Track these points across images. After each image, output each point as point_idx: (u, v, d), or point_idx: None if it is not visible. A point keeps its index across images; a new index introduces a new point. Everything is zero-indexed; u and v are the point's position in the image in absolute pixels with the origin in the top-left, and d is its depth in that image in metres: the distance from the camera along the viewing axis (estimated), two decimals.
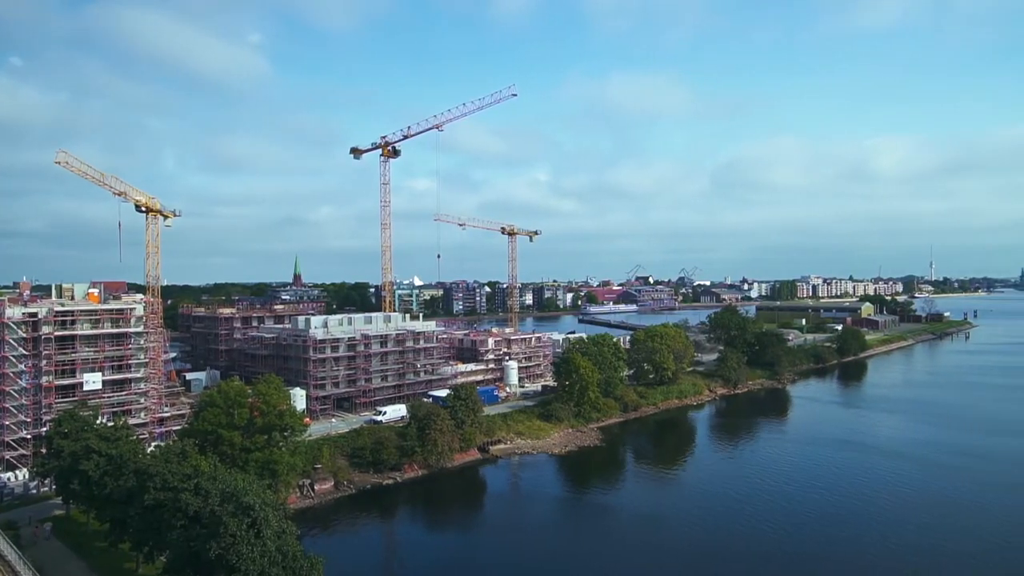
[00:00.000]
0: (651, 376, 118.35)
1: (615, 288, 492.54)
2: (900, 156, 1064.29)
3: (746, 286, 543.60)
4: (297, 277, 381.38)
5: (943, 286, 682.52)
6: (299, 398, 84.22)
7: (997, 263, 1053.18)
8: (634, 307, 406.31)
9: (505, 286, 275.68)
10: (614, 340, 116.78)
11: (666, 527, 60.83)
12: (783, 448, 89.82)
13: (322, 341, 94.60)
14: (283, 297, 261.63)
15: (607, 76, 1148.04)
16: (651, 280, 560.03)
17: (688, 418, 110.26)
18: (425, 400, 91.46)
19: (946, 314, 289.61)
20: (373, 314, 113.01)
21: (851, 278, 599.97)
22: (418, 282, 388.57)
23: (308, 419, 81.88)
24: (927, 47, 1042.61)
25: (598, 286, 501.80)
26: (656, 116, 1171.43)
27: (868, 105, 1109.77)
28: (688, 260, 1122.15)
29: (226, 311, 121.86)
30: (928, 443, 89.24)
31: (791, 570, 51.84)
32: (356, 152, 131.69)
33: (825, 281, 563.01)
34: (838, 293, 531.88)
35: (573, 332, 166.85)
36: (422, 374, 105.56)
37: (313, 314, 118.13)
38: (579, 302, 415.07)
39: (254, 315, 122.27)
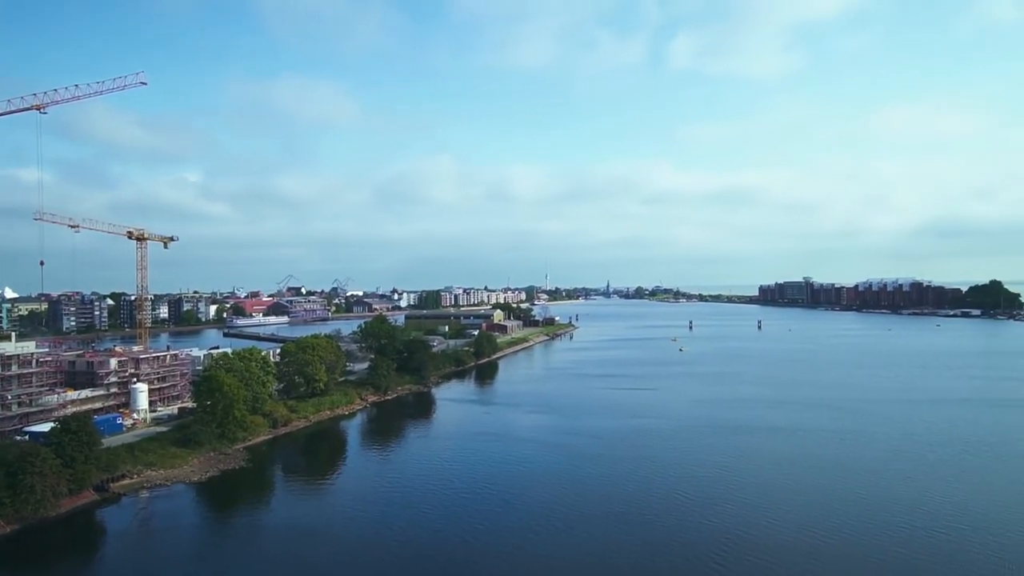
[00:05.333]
0: (302, 389, 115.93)
1: (265, 299, 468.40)
2: (533, 182, 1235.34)
3: (396, 296, 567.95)
4: None
5: (555, 294, 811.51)
6: None
7: (592, 275, 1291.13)
8: (285, 319, 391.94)
9: (133, 298, 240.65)
10: (263, 354, 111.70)
11: (318, 537, 60.25)
12: (431, 445, 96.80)
13: None
14: None
15: (277, 78, 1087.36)
16: (304, 291, 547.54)
17: (341, 427, 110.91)
18: (19, 439, 74.85)
19: (557, 318, 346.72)
20: None
21: (486, 288, 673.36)
22: (11, 294, 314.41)
23: None
24: (561, 91, 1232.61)
25: (246, 297, 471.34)
26: (326, 124, 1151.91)
27: (512, 134, 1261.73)
28: (344, 270, 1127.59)
29: None
30: (548, 428, 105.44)
31: (452, 565, 55.60)
32: None
33: (465, 291, 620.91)
34: (476, 301, 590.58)
35: (217, 347, 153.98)
36: (15, 407, 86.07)
37: None
38: (224, 315, 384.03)
39: None
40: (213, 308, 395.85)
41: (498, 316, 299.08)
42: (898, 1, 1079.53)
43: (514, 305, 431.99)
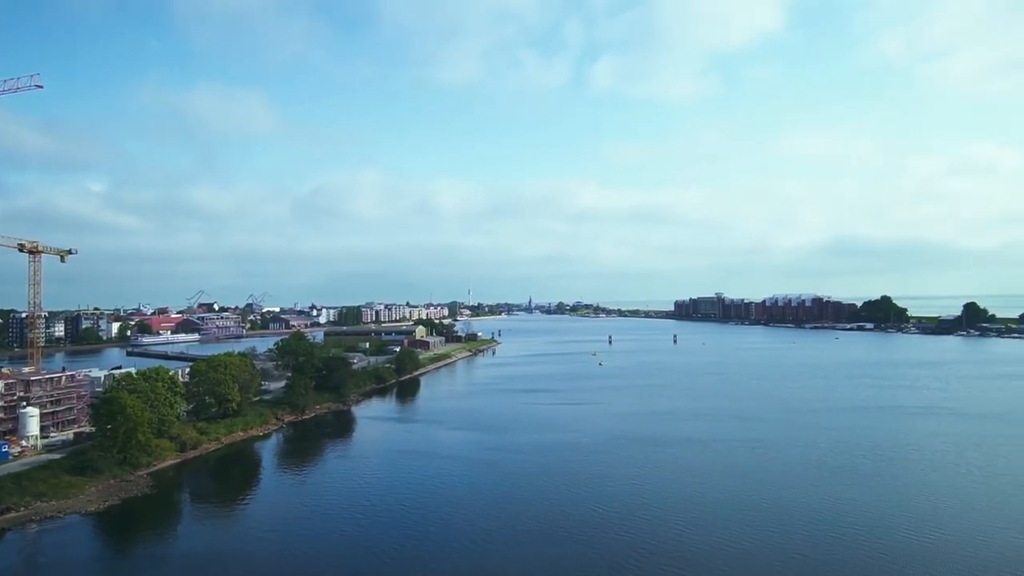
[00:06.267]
0: (214, 409, 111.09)
1: (174, 316, 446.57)
2: (458, 197, 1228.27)
3: (315, 312, 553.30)
4: None
5: (478, 310, 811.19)
6: None
7: (515, 290, 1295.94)
8: (196, 336, 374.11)
9: (25, 315, 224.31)
10: (170, 373, 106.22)
11: (226, 566, 57.54)
12: (350, 464, 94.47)
13: None
14: None
15: (193, 85, 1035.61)
16: (216, 307, 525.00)
17: (255, 449, 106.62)
18: None
19: (479, 334, 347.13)
20: None
21: (408, 303, 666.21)
22: None
23: None
24: (488, 107, 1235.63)
25: (153, 314, 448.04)
26: (245, 135, 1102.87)
27: (439, 150, 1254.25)
28: (260, 285, 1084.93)
29: None
30: (470, 444, 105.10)
31: None
32: None
33: (387, 307, 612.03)
34: (397, 317, 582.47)
35: (119, 367, 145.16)
36: None
37: None
38: (129, 333, 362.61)
39: None
40: (116, 326, 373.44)
41: (420, 332, 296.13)
42: (802, 35, 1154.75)
43: (437, 321, 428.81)
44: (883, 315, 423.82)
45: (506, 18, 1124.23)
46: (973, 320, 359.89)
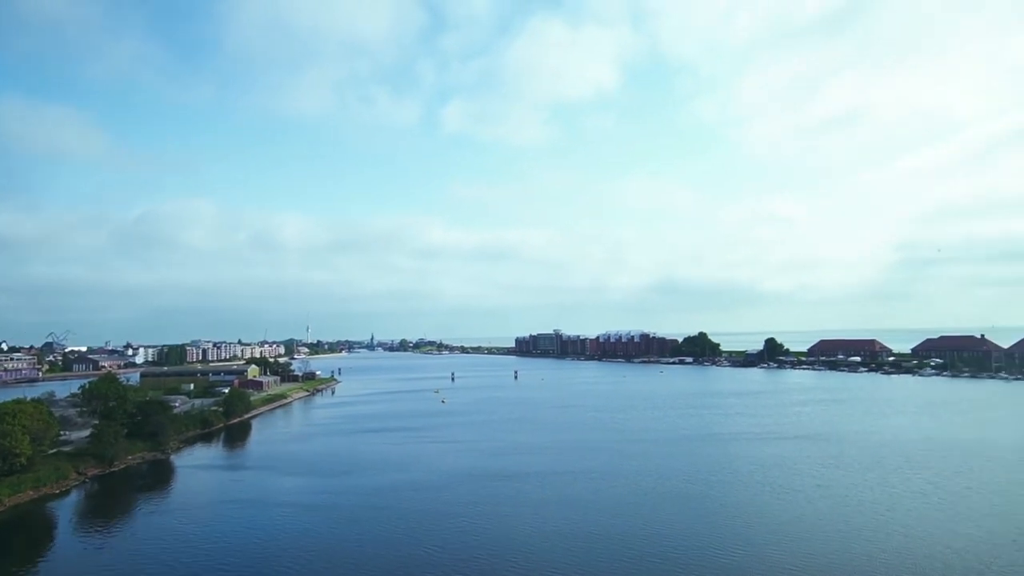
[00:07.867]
0: None
1: None
2: (300, 231, 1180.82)
3: (131, 351, 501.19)
4: None
5: (317, 348, 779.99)
6: None
7: (357, 327, 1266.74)
8: None
9: None
10: None
11: None
12: (165, 520, 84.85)
13: None
14: None
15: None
16: (5, 347, 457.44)
17: (48, 510, 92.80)
18: None
19: (318, 372, 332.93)
20: None
21: (240, 341, 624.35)
22: None
23: None
24: (335, 141, 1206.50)
25: None
26: (57, 155, 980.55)
27: (283, 180, 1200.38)
28: (65, 322, 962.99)
29: None
30: (305, 490, 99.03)
31: None
32: None
33: (215, 345, 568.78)
34: (227, 356, 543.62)
35: None
36: None
37: None
38: None
39: None
40: None
41: (253, 372, 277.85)
42: (632, 93, 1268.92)
43: (272, 360, 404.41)
44: (700, 349, 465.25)
45: (360, 53, 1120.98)
46: (772, 354, 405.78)
